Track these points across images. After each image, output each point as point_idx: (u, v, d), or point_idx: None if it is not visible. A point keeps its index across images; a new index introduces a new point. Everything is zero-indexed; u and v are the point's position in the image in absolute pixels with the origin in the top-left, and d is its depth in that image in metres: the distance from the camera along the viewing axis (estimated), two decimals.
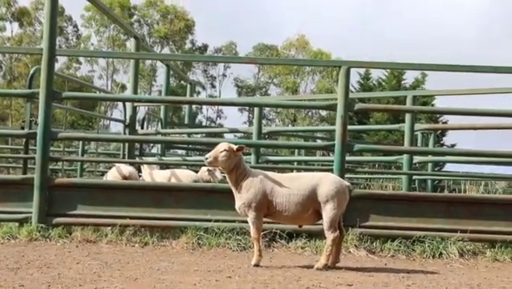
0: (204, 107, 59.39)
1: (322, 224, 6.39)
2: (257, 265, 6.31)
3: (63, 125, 11.93)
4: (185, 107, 18.40)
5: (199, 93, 58.17)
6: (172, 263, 6.37)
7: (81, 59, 56.33)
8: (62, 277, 5.28)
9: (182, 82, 50.15)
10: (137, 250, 7.32)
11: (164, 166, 11.93)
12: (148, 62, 54.50)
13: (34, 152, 8.73)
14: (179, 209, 8.13)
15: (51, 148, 8.77)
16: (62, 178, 10.66)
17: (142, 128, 14.48)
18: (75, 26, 56.97)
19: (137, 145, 12.67)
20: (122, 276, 5.45)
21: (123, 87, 53.68)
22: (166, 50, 56.58)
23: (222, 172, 8.43)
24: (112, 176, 10.01)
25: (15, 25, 53.84)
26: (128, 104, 12.26)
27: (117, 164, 10.29)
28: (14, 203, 8.16)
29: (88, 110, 34.70)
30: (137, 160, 11.58)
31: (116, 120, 18.36)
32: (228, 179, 6.55)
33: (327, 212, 6.32)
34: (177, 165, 12.30)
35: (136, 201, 8.15)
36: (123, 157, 12.09)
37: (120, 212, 8.08)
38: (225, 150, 6.41)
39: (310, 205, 6.38)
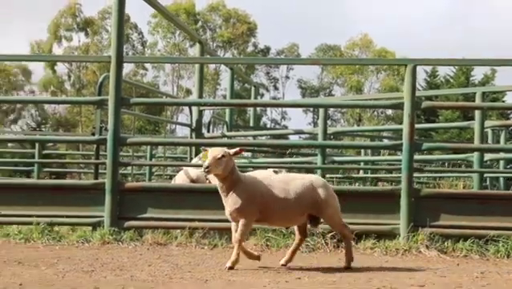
0: (268, 109, 59.57)
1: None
2: (231, 268, 5.99)
3: (131, 130, 12.17)
4: (250, 110, 18.49)
5: (263, 95, 58.38)
6: (242, 265, 6.39)
7: (147, 66, 57.41)
8: (135, 279, 5.39)
9: (246, 85, 50.42)
10: (206, 252, 7.40)
11: None
12: (212, 66, 55.09)
13: (104, 158, 8.94)
14: None
15: (121, 154, 8.96)
16: (132, 182, 10.87)
17: (208, 131, 14.62)
18: (140, 33, 58.12)
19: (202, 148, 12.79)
20: (193, 278, 5.52)
21: (188, 92, 54.44)
22: (229, 54, 57.03)
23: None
24: (180, 179, 10.12)
25: (82, 34, 55.35)
26: (194, 108, 12.41)
27: (185, 168, 10.41)
28: (87, 207, 8.37)
29: (155, 115, 35.38)
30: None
31: (183, 124, 18.59)
32: (219, 184, 6.13)
33: (328, 217, 6.31)
34: (243, 168, 12.36)
35: (204, 204, 8.23)
36: (191, 161, 12.24)
37: (189, 215, 8.18)
38: (223, 156, 5.97)
39: (307, 209, 6.23)
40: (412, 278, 5.71)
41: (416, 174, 12.02)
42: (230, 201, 6.08)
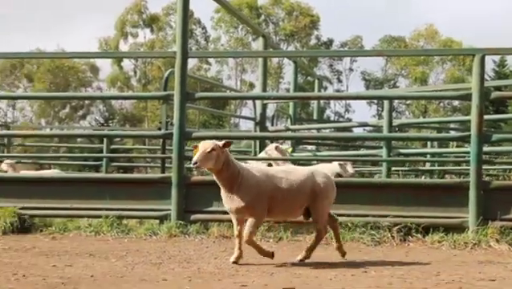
0: (331, 101, 59.23)
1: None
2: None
3: (196, 125, 12.30)
4: (313, 103, 18.42)
5: (326, 88, 58.02)
6: (309, 259, 6.40)
7: (211, 60, 57.89)
8: (202, 271, 5.45)
9: (309, 78, 50.24)
10: (272, 246, 7.41)
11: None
12: (275, 60, 55.11)
13: (170, 152, 9.08)
14: None
15: (186, 148, 9.07)
16: (197, 176, 10.99)
17: (272, 124, 14.64)
18: (204, 28, 58.64)
19: (268, 142, 12.83)
20: (258, 270, 5.54)
21: (252, 86, 54.66)
22: (292, 48, 56.92)
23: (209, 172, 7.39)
24: None
25: (147, 31, 56.25)
26: (258, 102, 12.45)
27: (249, 162, 10.45)
28: (154, 201, 8.52)
29: (219, 109, 35.67)
30: (268, 156, 11.70)
31: (246, 118, 18.71)
32: (217, 179, 5.86)
33: (318, 209, 6.12)
34: (307, 161, 12.33)
35: None
36: (255, 154, 12.29)
37: None
38: (212, 149, 5.69)
39: (305, 201, 6.09)
40: (482, 273, 5.59)
41: (485, 166, 11.74)
42: (237, 198, 5.79)
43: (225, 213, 8.26)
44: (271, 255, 5.98)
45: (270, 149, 10.39)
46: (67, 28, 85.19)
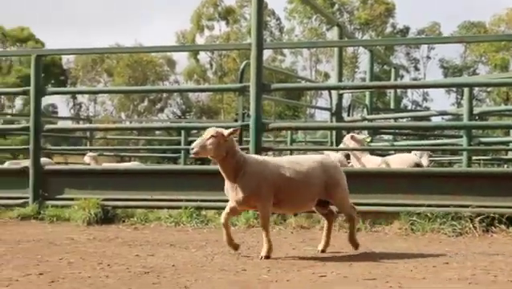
0: (409, 90, 58.15)
1: None
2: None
3: (272, 116, 12.35)
4: (390, 92, 18.16)
5: (403, 77, 57.00)
6: (386, 249, 6.33)
7: (285, 51, 57.84)
8: (281, 262, 5.48)
9: (385, 66, 49.51)
10: None
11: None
12: (350, 49, 54.55)
13: (247, 143, 9.14)
14: (390, 194, 8.05)
15: (263, 139, 9.12)
16: None
17: (349, 115, 14.53)
18: (278, 19, 58.63)
19: (344, 132, 12.74)
20: (337, 261, 5.53)
21: (327, 76, 54.31)
22: (367, 36, 56.20)
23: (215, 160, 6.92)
24: None
25: (223, 23, 56.73)
26: (334, 92, 12.38)
27: (326, 152, 10.41)
28: None
29: (294, 100, 35.61)
30: (345, 146, 11.62)
31: (322, 109, 18.62)
32: (221, 168, 5.69)
33: (338, 199, 5.99)
34: (384, 151, 12.18)
35: (348, 188, 8.20)
36: (331, 145, 12.24)
37: None
38: (212, 136, 5.57)
39: (317, 192, 5.88)
40: None
41: None
42: (241, 187, 5.60)
43: None
44: (237, 248, 5.89)
45: (347, 139, 10.32)
46: (144, 23, 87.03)
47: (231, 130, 5.67)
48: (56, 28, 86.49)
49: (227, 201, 8.50)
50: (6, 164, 12.74)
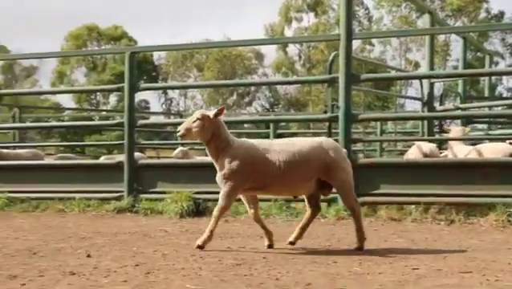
0: (504, 77, 56.09)
1: None
2: (201, 247, 5.58)
3: (361, 107, 12.22)
4: (484, 80, 17.58)
5: (497, 64, 55.01)
6: (481, 241, 6.15)
7: (373, 41, 56.99)
8: (372, 254, 5.43)
9: (478, 53, 47.93)
10: (443, 228, 7.22)
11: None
12: (442, 37, 53.10)
13: (336, 135, 9.08)
14: (486, 185, 7.80)
15: (352, 130, 9.03)
16: (364, 159, 10.91)
17: (441, 104, 14.17)
18: (366, 8, 57.83)
19: (435, 122, 12.45)
20: (430, 254, 5.41)
21: (417, 65, 53.14)
22: (459, 23, 54.56)
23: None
24: (413, 154, 9.96)
25: (311, 15, 56.48)
26: (425, 81, 12.11)
27: (417, 142, 10.20)
28: None
29: (384, 90, 35.06)
30: (437, 136, 11.37)
31: (413, 98, 18.23)
32: (207, 151, 5.83)
33: (339, 182, 5.68)
34: (479, 140, 11.81)
35: (439, 179, 8.02)
36: (422, 135, 11.98)
37: (424, 190, 8.03)
38: (197, 119, 5.60)
39: (314, 173, 5.62)
40: None
41: None
42: (219, 168, 5.67)
43: (393, 195, 8.20)
44: (206, 243, 5.64)
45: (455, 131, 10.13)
46: (232, 17, 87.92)
47: (216, 111, 5.67)
48: (147, 26, 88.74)
49: None
50: (102, 159, 13.18)
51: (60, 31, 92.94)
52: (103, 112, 38.13)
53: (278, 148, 5.66)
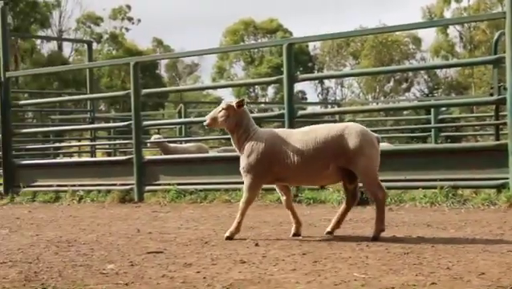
0: None
1: None
2: (230, 238, 5.71)
3: None
4: None
5: None
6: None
7: None
8: None
9: None
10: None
11: None
12: None
13: (503, 118, 8.64)
14: None
15: None
16: None
17: None
18: None
19: None
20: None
21: None
22: None
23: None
24: None
25: None
26: None
27: None
28: (490, 170, 8.17)
29: None
30: None
31: None
32: (232, 140, 5.90)
33: (360, 168, 5.26)
34: None
35: None
36: None
37: None
38: (223, 109, 5.78)
39: (331, 160, 5.28)
40: None
41: None
42: (241, 158, 5.77)
43: None
44: (234, 234, 5.80)
45: None
46: (387, 2, 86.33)
47: (237, 100, 5.82)
48: (301, 17, 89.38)
49: (484, 179, 8.15)
50: None
51: (217, 27, 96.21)
52: (262, 105, 38.97)
53: (295, 138, 5.61)
